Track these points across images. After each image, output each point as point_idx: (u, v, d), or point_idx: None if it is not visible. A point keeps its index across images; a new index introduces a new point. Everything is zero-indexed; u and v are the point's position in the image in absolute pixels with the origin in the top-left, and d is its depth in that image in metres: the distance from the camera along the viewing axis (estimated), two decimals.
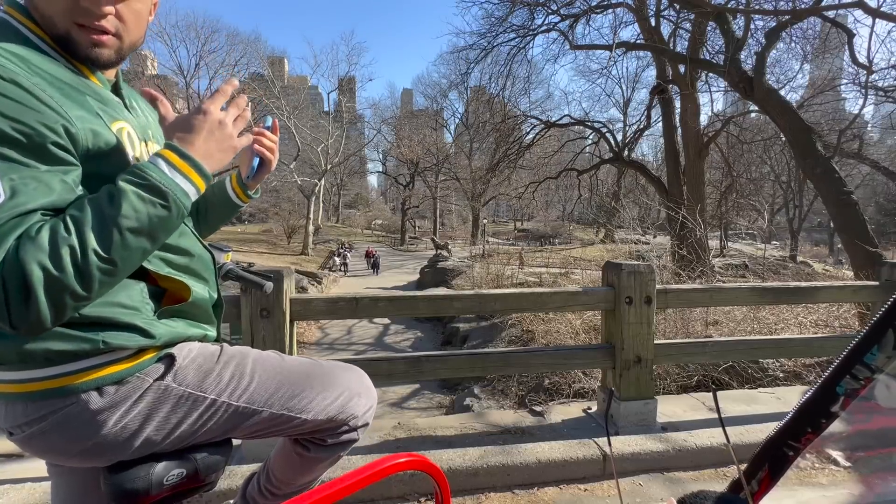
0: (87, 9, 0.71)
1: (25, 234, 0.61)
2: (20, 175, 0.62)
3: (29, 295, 0.59)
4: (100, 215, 0.64)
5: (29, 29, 0.72)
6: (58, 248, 0.60)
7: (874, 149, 23.10)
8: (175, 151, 0.72)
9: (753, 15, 8.24)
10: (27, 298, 0.59)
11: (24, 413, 0.73)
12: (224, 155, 0.78)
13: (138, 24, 0.78)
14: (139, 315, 0.78)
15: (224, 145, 0.78)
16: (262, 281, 1.19)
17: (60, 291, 0.61)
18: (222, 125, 0.78)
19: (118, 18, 0.74)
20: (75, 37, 0.72)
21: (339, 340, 10.76)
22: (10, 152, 0.62)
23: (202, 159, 0.74)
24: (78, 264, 0.61)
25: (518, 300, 2.48)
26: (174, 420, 0.80)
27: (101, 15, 0.72)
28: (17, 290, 0.59)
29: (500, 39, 12.21)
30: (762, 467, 0.61)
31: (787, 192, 28.88)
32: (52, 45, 0.73)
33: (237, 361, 0.90)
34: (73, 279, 0.61)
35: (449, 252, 21.55)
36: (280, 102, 30.88)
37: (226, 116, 0.79)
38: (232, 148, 0.79)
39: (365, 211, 58.06)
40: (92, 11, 0.71)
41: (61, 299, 0.61)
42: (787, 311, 5.17)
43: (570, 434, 2.36)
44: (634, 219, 14.42)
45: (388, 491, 1.88)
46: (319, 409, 0.95)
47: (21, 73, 0.64)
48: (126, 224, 0.65)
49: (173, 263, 0.85)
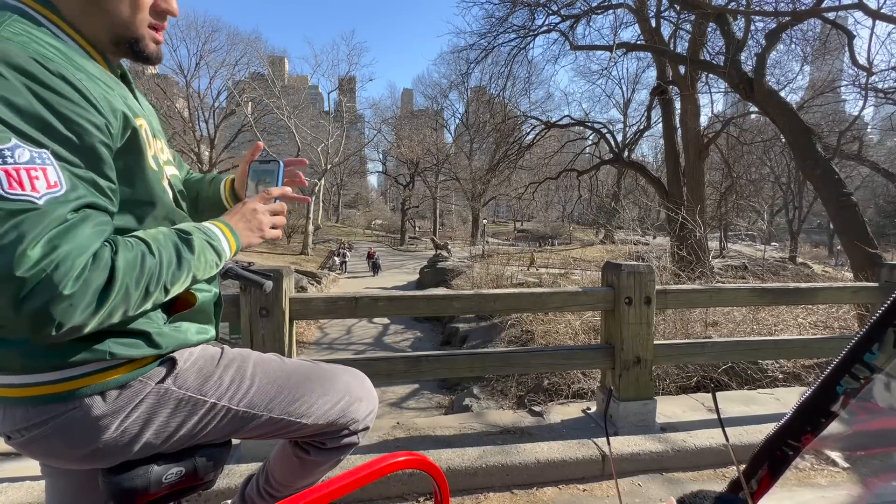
0: (165, 9, 0.77)
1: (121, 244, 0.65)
2: (74, 172, 0.63)
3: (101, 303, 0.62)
4: (179, 257, 0.72)
5: (48, 19, 0.70)
6: (143, 272, 0.66)
7: (874, 150, 23.13)
8: (228, 228, 0.85)
9: (754, 16, 8.24)
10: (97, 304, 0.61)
11: (25, 417, 0.72)
12: (251, 234, 0.88)
13: None
14: (150, 323, 0.78)
15: (253, 226, 0.88)
16: (261, 280, 1.18)
17: (120, 307, 0.64)
18: (255, 212, 0.90)
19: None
20: (149, 38, 0.76)
21: (339, 340, 10.75)
22: (63, 152, 0.62)
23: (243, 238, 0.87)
24: (149, 291, 0.67)
25: (517, 300, 2.48)
26: (174, 424, 0.80)
27: (173, 15, 0.78)
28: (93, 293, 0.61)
29: (500, 40, 12.22)
30: (762, 466, 0.61)
31: (787, 193, 28.89)
32: (74, 36, 0.72)
33: (238, 365, 0.89)
34: (137, 300, 0.66)
35: (449, 252, 21.55)
36: (280, 102, 30.89)
37: (262, 209, 0.90)
38: (260, 232, 0.89)
39: (365, 211, 58.07)
40: (168, 11, 0.77)
41: (113, 314, 0.64)
42: (786, 312, 5.18)
43: (569, 434, 2.36)
44: (634, 219, 14.43)
45: (386, 490, 1.88)
46: (320, 414, 0.94)
47: (68, 68, 0.64)
48: (194, 269, 0.74)
49: None
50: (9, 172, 0.57)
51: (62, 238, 0.59)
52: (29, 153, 0.59)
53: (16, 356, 0.70)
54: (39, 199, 0.58)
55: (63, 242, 0.59)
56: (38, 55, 0.62)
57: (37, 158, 0.59)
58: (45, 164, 0.60)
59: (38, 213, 0.58)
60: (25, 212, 0.57)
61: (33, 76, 0.61)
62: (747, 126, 15.39)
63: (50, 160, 0.60)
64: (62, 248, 0.58)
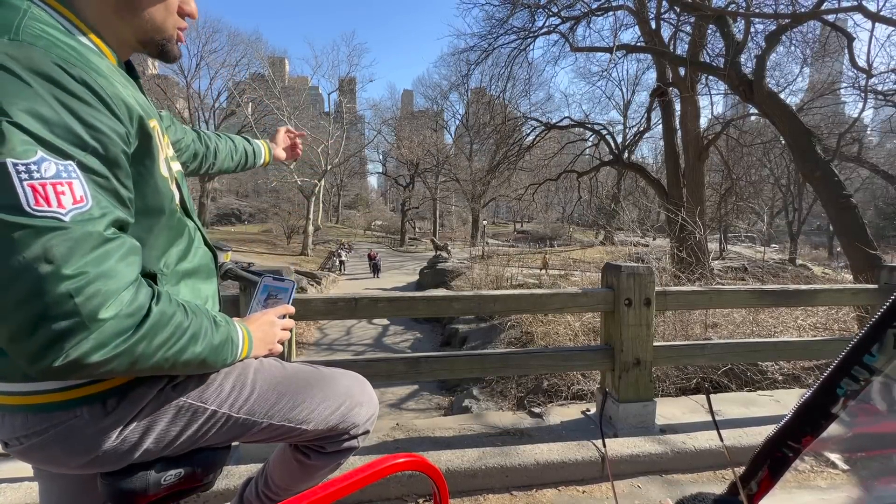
0: (188, 12, 0.79)
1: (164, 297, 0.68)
2: (98, 184, 0.61)
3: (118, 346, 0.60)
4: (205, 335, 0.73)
5: (59, 13, 0.67)
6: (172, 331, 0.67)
7: (873, 152, 23.17)
8: (248, 336, 0.88)
9: (753, 18, 8.25)
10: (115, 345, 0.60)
11: (25, 425, 0.71)
12: (263, 347, 0.93)
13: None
14: None
15: (267, 339, 0.94)
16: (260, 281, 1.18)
17: (130, 357, 0.63)
18: (272, 325, 0.96)
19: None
20: (175, 38, 0.78)
21: (338, 341, 10.75)
22: (88, 162, 0.60)
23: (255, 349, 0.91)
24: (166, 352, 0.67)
25: (517, 301, 2.48)
26: (174, 431, 0.80)
27: (192, 17, 0.80)
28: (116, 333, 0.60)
29: (500, 41, 12.24)
30: (761, 468, 0.61)
31: (787, 195, 28.91)
32: (85, 30, 0.69)
33: (238, 371, 0.89)
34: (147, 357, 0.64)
35: (448, 253, 21.56)
36: (280, 103, 30.92)
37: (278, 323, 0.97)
38: (270, 346, 0.94)
39: (365, 212, 58.09)
40: (189, 14, 0.80)
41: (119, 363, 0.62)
42: (786, 313, 5.18)
43: (568, 436, 2.36)
44: (634, 221, 14.42)
45: (386, 492, 1.87)
46: (320, 420, 0.94)
47: (90, 73, 0.63)
48: (207, 354, 0.74)
49: (186, 272, 0.85)
50: (35, 188, 0.55)
51: (94, 265, 0.58)
52: (55, 167, 0.57)
53: (15, 365, 0.69)
54: (66, 216, 0.57)
55: (94, 269, 0.57)
56: (61, 60, 0.60)
57: (63, 172, 0.58)
58: (72, 177, 0.58)
59: (66, 231, 0.56)
60: (52, 230, 0.55)
61: (58, 83, 0.59)
62: (747, 128, 15.40)
63: (76, 173, 0.59)
64: (92, 276, 0.57)
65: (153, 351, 0.64)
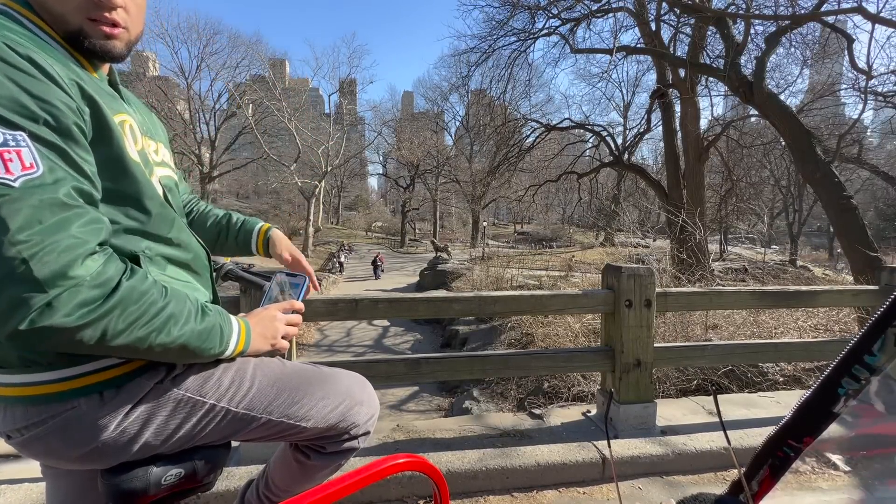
0: (100, 3, 0.72)
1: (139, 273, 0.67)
2: (51, 154, 0.61)
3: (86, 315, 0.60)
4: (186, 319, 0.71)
5: (30, 20, 0.71)
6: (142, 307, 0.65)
7: (874, 153, 23.18)
8: (246, 328, 0.86)
9: (753, 20, 8.26)
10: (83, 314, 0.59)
11: (25, 416, 0.72)
12: (264, 342, 0.89)
13: (140, 15, 0.81)
14: None
15: (268, 334, 0.90)
16: (261, 282, 1.18)
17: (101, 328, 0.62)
18: (274, 319, 0.92)
19: (125, 11, 0.76)
20: (88, 31, 0.73)
21: (339, 342, 10.74)
22: (40, 132, 0.60)
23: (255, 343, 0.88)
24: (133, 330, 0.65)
25: (518, 303, 2.48)
26: (173, 425, 0.80)
27: (112, 8, 0.74)
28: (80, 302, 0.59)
29: (500, 43, 12.25)
30: (762, 468, 0.61)
31: (787, 196, 28.89)
32: (55, 37, 0.72)
33: (238, 366, 0.89)
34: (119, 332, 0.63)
35: (449, 254, 21.57)
36: (281, 104, 30.98)
37: (281, 318, 0.93)
38: (273, 341, 0.91)
39: (365, 213, 58.12)
40: (105, 5, 0.73)
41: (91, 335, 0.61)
42: (786, 315, 5.17)
43: (569, 437, 2.36)
44: (634, 222, 14.42)
45: (386, 493, 1.87)
46: (320, 417, 0.94)
47: (40, 53, 0.64)
48: (189, 339, 0.72)
49: (174, 259, 0.85)
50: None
51: (51, 232, 0.57)
52: (2, 136, 0.57)
53: (15, 355, 0.70)
54: (15, 182, 0.56)
55: (50, 235, 0.57)
56: (7, 40, 0.62)
57: (10, 141, 0.58)
58: (20, 145, 0.58)
59: (14, 197, 0.56)
60: (1, 196, 0.56)
61: (4, 59, 0.60)
62: (747, 129, 15.40)
63: (25, 142, 0.59)
64: (48, 241, 0.57)
65: (124, 327, 0.64)
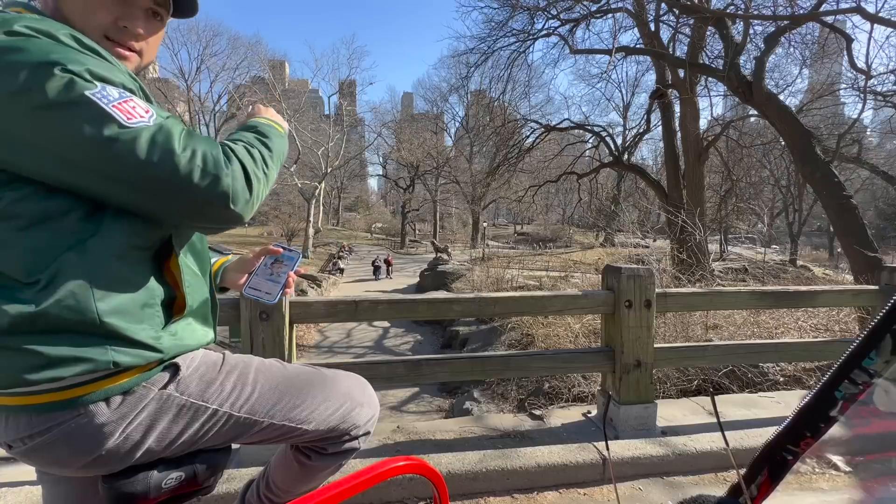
0: (124, 28, 0.79)
1: (225, 145, 0.76)
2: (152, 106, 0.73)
3: (251, 191, 0.75)
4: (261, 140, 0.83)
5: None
6: (255, 159, 0.78)
7: (873, 153, 23.15)
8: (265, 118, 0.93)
9: (752, 20, 8.27)
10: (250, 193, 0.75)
11: (29, 425, 0.71)
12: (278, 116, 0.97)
13: (156, 45, 0.88)
14: (147, 330, 0.76)
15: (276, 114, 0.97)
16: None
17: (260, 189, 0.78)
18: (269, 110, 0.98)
19: (144, 40, 0.83)
20: (103, 47, 0.77)
21: (339, 344, 10.74)
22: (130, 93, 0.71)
23: None
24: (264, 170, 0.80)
25: (518, 304, 2.48)
26: (176, 430, 0.80)
27: (133, 35, 0.81)
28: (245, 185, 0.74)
29: (500, 44, 12.27)
30: (762, 471, 0.61)
31: (787, 196, 28.89)
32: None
33: (240, 371, 0.89)
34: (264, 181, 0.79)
35: (449, 255, 21.56)
36: (281, 106, 30.97)
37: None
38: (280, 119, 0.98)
39: (365, 214, 58.11)
40: (128, 32, 0.80)
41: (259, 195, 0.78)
42: (786, 315, 5.17)
43: (569, 438, 2.36)
44: (634, 222, 14.41)
45: (386, 495, 1.87)
46: (321, 420, 0.94)
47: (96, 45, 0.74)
48: (275, 147, 0.86)
49: (194, 250, 0.88)
50: (119, 108, 0.67)
51: (190, 141, 0.70)
52: (114, 91, 0.68)
53: (17, 369, 0.67)
54: (150, 121, 0.68)
55: (192, 144, 0.70)
56: (74, 31, 0.72)
57: (123, 94, 0.69)
58: (127, 96, 0.70)
59: (158, 126, 0.68)
60: (150, 129, 0.67)
61: (80, 42, 0.71)
62: (747, 129, 15.42)
63: (128, 94, 0.70)
64: (198, 148, 0.70)
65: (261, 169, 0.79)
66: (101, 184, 0.68)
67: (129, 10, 0.79)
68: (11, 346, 0.66)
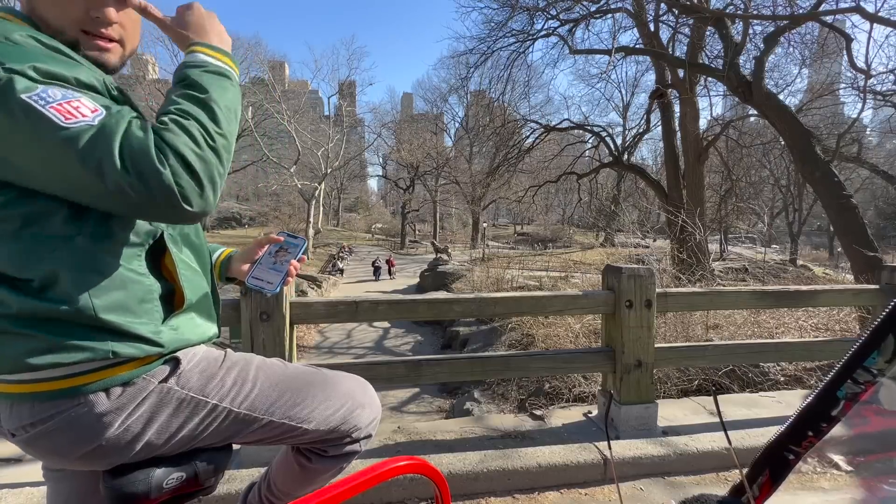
0: (96, 19, 0.77)
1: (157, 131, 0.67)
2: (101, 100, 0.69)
3: (201, 182, 0.67)
4: (199, 101, 0.72)
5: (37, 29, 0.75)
6: (195, 137, 0.68)
7: (873, 153, 23.16)
8: (206, 46, 0.81)
9: (752, 20, 8.28)
10: (200, 185, 0.67)
11: (31, 413, 0.72)
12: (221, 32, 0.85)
13: (136, 30, 0.85)
14: (147, 325, 0.77)
15: (217, 28, 0.85)
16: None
17: (212, 172, 0.69)
18: (210, 15, 0.86)
19: (121, 27, 0.81)
20: (84, 43, 0.77)
21: (339, 344, 10.74)
22: (87, 92, 0.69)
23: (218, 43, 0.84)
24: (211, 144, 0.70)
25: (518, 304, 2.48)
26: (176, 424, 0.80)
27: (108, 24, 0.79)
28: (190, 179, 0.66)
29: (499, 44, 12.25)
30: (763, 472, 0.61)
31: (787, 195, 28.88)
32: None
33: (240, 367, 0.90)
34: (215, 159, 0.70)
35: (449, 256, 21.55)
36: (280, 107, 30.99)
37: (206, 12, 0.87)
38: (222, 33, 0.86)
39: (365, 214, 58.10)
40: (101, 21, 0.78)
41: (214, 179, 0.69)
42: (787, 314, 5.17)
43: (570, 438, 2.36)
44: (634, 222, 14.42)
45: (387, 495, 1.87)
46: (322, 420, 0.94)
47: (60, 45, 0.72)
48: (222, 102, 0.74)
49: (190, 242, 0.87)
50: (57, 109, 0.63)
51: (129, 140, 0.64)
52: (59, 91, 0.65)
53: (20, 353, 0.70)
54: (94, 121, 0.64)
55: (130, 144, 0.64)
56: (35, 33, 0.71)
57: (68, 94, 0.65)
58: (75, 95, 0.66)
59: (99, 130, 0.63)
60: (90, 131, 0.63)
61: (39, 42, 0.70)
62: (746, 129, 15.42)
63: (78, 93, 0.67)
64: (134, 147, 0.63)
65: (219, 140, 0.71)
66: (50, 186, 0.66)
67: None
68: (13, 332, 0.69)
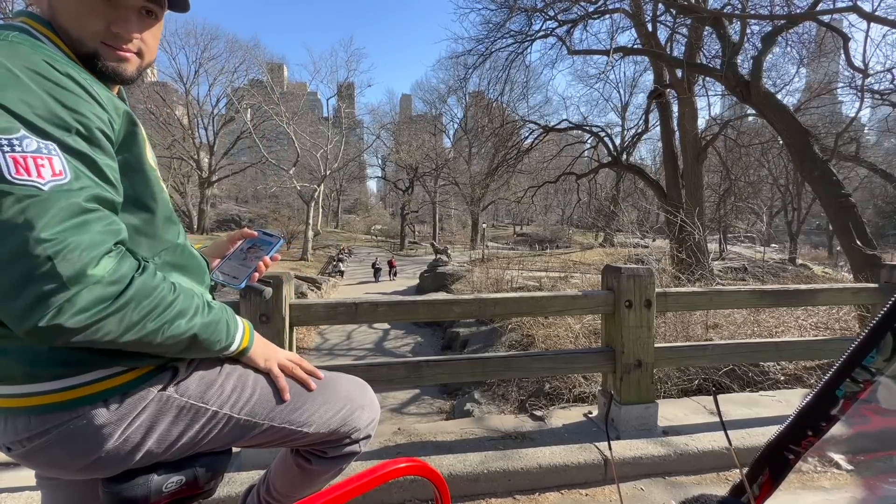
0: (117, 34, 0.77)
1: (149, 269, 0.69)
2: (82, 164, 0.65)
3: (100, 312, 0.62)
4: (194, 313, 0.75)
5: (51, 41, 0.74)
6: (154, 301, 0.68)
7: (871, 151, 23.18)
8: (250, 329, 0.91)
9: (749, 20, 8.29)
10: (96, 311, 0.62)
11: (28, 427, 0.71)
12: (266, 351, 0.94)
13: (155, 44, 0.86)
14: None
15: (268, 350, 0.95)
16: (260, 286, 1.18)
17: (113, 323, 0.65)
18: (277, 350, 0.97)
19: (141, 41, 0.81)
20: (102, 53, 0.77)
21: (339, 346, 10.73)
22: (70, 142, 0.65)
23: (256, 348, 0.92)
24: (146, 324, 0.68)
25: (518, 304, 2.48)
26: (176, 432, 0.80)
27: (129, 41, 0.79)
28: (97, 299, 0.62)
29: (498, 45, 12.27)
30: (763, 471, 0.61)
31: (786, 195, 28.91)
32: (72, 56, 0.75)
33: (239, 372, 0.89)
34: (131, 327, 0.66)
35: (448, 257, 21.53)
36: (279, 108, 30.99)
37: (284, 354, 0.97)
38: (272, 357, 0.95)
39: (364, 216, 58.09)
40: (122, 37, 0.78)
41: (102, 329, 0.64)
42: (786, 313, 5.18)
43: (571, 439, 2.35)
44: (633, 223, 14.41)
45: (388, 497, 1.87)
46: (321, 423, 0.94)
47: (76, 68, 0.70)
48: (200, 331, 0.76)
49: (178, 266, 0.85)
50: (16, 159, 0.60)
51: (73, 232, 0.61)
52: (37, 143, 0.62)
53: (18, 365, 0.70)
54: (45, 186, 0.60)
55: (72, 236, 0.60)
56: (47, 57, 0.67)
57: (43, 149, 0.62)
58: (52, 154, 0.62)
59: (43, 199, 0.59)
60: (31, 197, 0.59)
61: (44, 75, 0.65)
62: (745, 128, 15.43)
63: (56, 151, 0.63)
64: (71, 241, 0.60)
65: (138, 320, 0.66)
66: None
67: (120, 13, 0.77)
68: (10, 346, 0.69)
